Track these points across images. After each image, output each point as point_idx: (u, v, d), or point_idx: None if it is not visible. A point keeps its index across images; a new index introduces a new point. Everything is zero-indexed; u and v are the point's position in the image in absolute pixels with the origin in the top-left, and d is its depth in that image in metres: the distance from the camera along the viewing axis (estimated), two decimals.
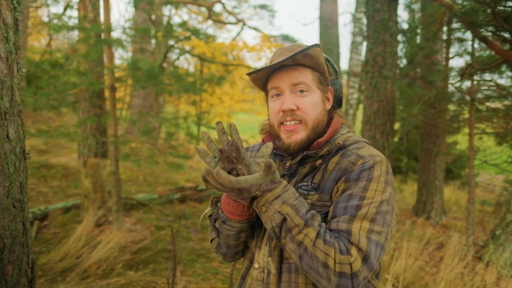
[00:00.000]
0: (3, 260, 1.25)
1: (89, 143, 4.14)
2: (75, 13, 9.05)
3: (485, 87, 4.45)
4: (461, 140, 8.26)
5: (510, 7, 3.03)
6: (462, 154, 6.74)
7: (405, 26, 6.91)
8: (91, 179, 4.08)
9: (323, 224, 0.86)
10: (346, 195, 0.88)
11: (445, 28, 4.99)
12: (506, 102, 4.70)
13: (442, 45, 5.56)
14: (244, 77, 12.34)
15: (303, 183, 0.98)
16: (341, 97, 1.07)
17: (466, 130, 4.59)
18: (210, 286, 2.96)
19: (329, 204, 0.92)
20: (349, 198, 0.87)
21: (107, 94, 4.14)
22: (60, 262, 3.05)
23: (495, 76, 4.57)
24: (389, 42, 4.27)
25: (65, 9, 8.66)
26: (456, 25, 4.56)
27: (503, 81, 6.55)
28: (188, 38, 5.33)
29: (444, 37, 5.36)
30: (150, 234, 3.97)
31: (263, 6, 12.13)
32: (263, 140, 1.10)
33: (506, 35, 3.35)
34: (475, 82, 4.31)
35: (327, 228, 0.86)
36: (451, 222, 5.39)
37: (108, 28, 3.76)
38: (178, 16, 13.61)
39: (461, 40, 4.79)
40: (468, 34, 4.50)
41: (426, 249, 4.01)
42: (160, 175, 7.20)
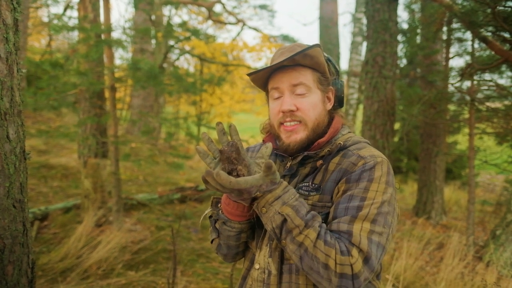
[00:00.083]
0: (3, 261, 1.25)
1: (89, 143, 4.14)
2: (75, 14, 9.07)
3: (485, 87, 4.45)
4: (461, 140, 8.25)
5: (510, 7, 3.03)
6: (462, 154, 6.74)
7: (405, 26, 6.90)
8: (91, 179, 4.08)
9: (324, 225, 0.85)
10: (347, 196, 0.88)
11: (445, 28, 4.98)
12: (506, 102, 4.70)
13: (442, 45, 5.55)
14: (244, 77, 12.33)
15: (304, 184, 0.97)
16: (342, 97, 1.06)
17: (466, 130, 4.59)
18: (210, 286, 2.96)
19: (330, 205, 0.92)
20: (350, 199, 0.87)
21: (107, 94, 4.15)
22: (61, 262, 3.05)
23: (495, 76, 4.57)
24: (389, 42, 4.27)
25: (65, 10, 8.67)
26: (456, 25, 4.55)
27: (503, 81, 6.54)
28: (188, 39, 5.34)
29: (444, 37, 5.36)
30: (150, 234, 3.97)
31: (263, 6, 12.13)
32: (264, 141, 1.10)
33: (506, 35, 3.35)
34: (475, 82, 4.31)
35: (328, 229, 0.86)
36: (452, 222, 5.39)
37: (108, 29, 3.76)
38: (178, 17, 13.61)
39: (461, 40, 4.79)
40: (468, 34, 4.50)
41: (426, 249, 4.01)
42: (160, 175, 7.20)
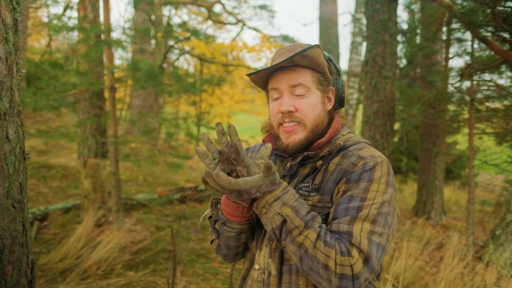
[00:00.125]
0: (3, 261, 1.25)
1: (89, 144, 4.14)
2: (75, 14, 9.06)
3: (485, 87, 4.45)
4: (461, 140, 8.25)
5: (510, 7, 3.03)
6: (462, 154, 6.74)
7: (405, 27, 6.90)
8: (91, 180, 4.08)
9: (324, 226, 0.85)
10: (347, 196, 0.87)
11: (445, 29, 4.99)
12: (506, 102, 4.70)
13: (442, 45, 5.56)
14: (244, 78, 12.33)
15: (304, 184, 0.97)
16: (343, 97, 1.06)
17: (466, 130, 4.59)
18: (210, 287, 2.96)
19: (330, 205, 0.92)
20: (350, 200, 0.87)
21: (107, 95, 4.14)
22: (60, 263, 3.05)
23: (495, 76, 4.57)
24: (389, 43, 4.27)
25: (65, 10, 8.67)
26: (456, 26, 4.56)
27: (503, 81, 6.56)
28: (188, 39, 5.34)
29: (444, 38, 5.36)
30: (150, 235, 3.97)
31: (263, 7, 12.13)
32: (264, 141, 1.10)
33: (506, 35, 3.35)
34: (475, 82, 4.31)
35: (328, 230, 0.86)
36: (451, 222, 5.39)
37: (108, 29, 3.76)
38: (178, 17, 13.63)
39: (461, 41, 4.79)
40: (468, 35, 4.51)
41: (426, 249, 4.01)
42: (160, 176, 7.20)
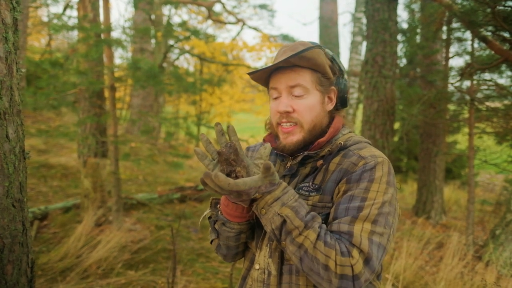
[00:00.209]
0: (3, 260, 1.25)
1: (89, 143, 4.14)
2: (75, 13, 9.04)
3: (485, 87, 4.45)
4: (461, 140, 8.25)
5: (510, 7, 3.03)
6: (462, 154, 6.74)
7: (405, 26, 6.89)
8: (91, 179, 4.08)
9: (324, 226, 0.85)
10: (348, 196, 0.87)
11: (445, 28, 4.98)
12: (506, 102, 4.70)
13: (442, 45, 5.55)
14: (244, 77, 12.33)
15: (304, 184, 0.97)
16: (345, 97, 1.04)
17: (466, 130, 4.59)
18: (210, 286, 2.96)
19: (330, 205, 0.91)
20: (351, 199, 0.86)
21: (107, 94, 4.14)
22: (60, 262, 3.05)
23: (495, 76, 4.57)
24: (389, 42, 4.27)
25: (65, 9, 8.65)
26: (456, 25, 4.55)
27: (503, 81, 6.54)
28: (188, 38, 5.34)
29: (444, 37, 5.35)
30: (150, 234, 3.97)
31: (263, 6, 12.11)
32: (264, 140, 1.10)
33: (506, 35, 3.35)
34: (475, 82, 4.31)
35: (328, 230, 0.85)
36: (451, 222, 5.39)
37: (108, 28, 3.76)
38: (178, 16, 13.64)
39: (461, 40, 4.79)
40: (468, 34, 4.50)
41: (426, 249, 4.01)
42: (160, 175, 7.20)
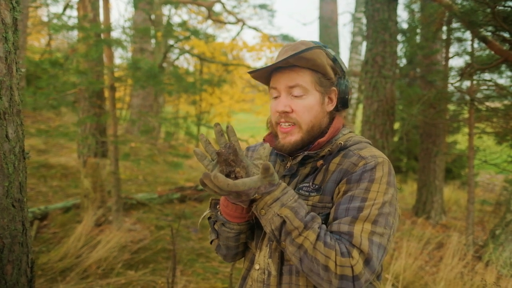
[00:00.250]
0: (3, 260, 1.25)
1: (89, 143, 4.13)
2: (75, 13, 9.04)
3: (485, 87, 4.45)
4: (461, 140, 8.25)
5: (510, 7, 3.03)
6: (462, 154, 6.74)
7: (405, 26, 6.89)
8: (91, 179, 4.07)
9: (324, 226, 0.85)
10: (348, 197, 0.87)
11: (445, 28, 4.98)
12: (506, 102, 4.71)
13: (442, 45, 5.55)
14: (244, 77, 12.33)
15: (304, 184, 0.97)
16: (347, 98, 1.03)
17: (466, 130, 4.60)
18: (210, 286, 2.96)
19: (330, 206, 0.91)
20: (351, 200, 0.86)
21: (107, 94, 4.14)
22: (60, 262, 3.05)
23: (495, 76, 4.57)
24: (389, 42, 4.27)
25: (65, 9, 8.65)
26: (456, 25, 4.56)
27: (503, 81, 6.55)
28: (188, 38, 5.34)
29: (444, 37, 5.36)
30: (150, 234, 3.97)
31: (263, 6, 12.11)
32: (264, 139, 1.10)
33: (506, 35, 3.35)
34: (475, 82, 4.31)
35: (328, 230, 0.85)
36: (451, 222, 5.39)
37: (108, 28, 3.76)
38: (178, 16, 13.63)
39: (461, 40, 4.79)
40: (468, 34, 4.50)
41: (426, 249, 4.01)
42: (160, 175, 7.20)
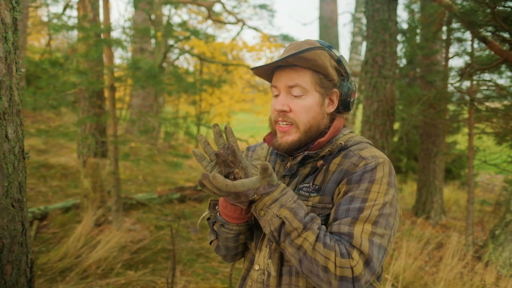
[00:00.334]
0: (2, 260, 1.25)
1: (89, 143, 4.13)
2: (75, 13, 9.04)
3: (485, 87, 4.46)
4: (461, 140, 8.24)
5: (510, 7, 3.03)
6: (462, 154, 6.74)
7: (405, 26, 6.89)
8: (91, 179, 4.07)
9: (323, 227, 0.84)
10: (348, 197, 0.87)
11: (445, 28, 4.98)
12: (506, 102, 4.71)
13: (442, 45, 5.55)
14: (244, 77, 12.32)
15: (304, 185, 0.96)
16: (349, 101, 1.01)
17: (466, 130, 4.60)
18: (210, 286, 2.96)
19: (330, 206, 0.91)
20: (351, 200, 0.86)
21: (107, 94, 4.14)
22: (60, 262, 3.04)
23: (495, 76, 4.57)
24: (389, 42, 4.27)
25: (65, 9, 8.65)
26: (456, 25, 4.56)
27: (503, 81, 6.55)
28: (188, 38, 5.34)
29: (444, 37, 5.36)
30: (150, 234, 3.97)
31: (263, 6, 12.10)
32: (265, 140, 1.10)
33: (506, 35, 3.35)
34: (475, 82, 4.31)
35: (329, 231, 0.85)
36: (451, 222, 5.39)
37: (108, 28, 3.76)
38: (178, 16, 13.63)
39: (461, 40, 4.79)
40: (468, 34, 4.50)
41: (426, 249, 4.01)
42: (160, 175, 7.20)
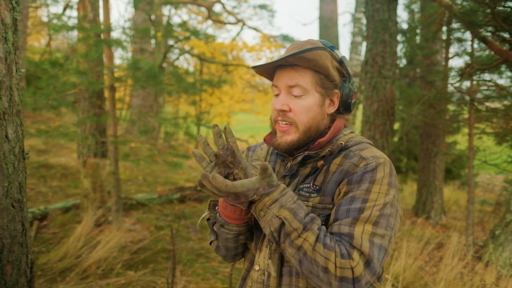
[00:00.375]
0: (2, 260, 1.25)
1: (89, 143, 4.14)
2: (75, 13, 9.04)
3: (485, 87, 4.45)
4: (461, 140, 8.24)
5: (510, 7, 3.03)
6: (462, 154, 6.74)
7: (405, 26, 6.89)
8: (91, 179, 4.07)
9: (323, 228, 0.84)
10: (349, 198, 0.86)
11: (445, 28, 4.98)
12: (506, 102, 4.71)
13: (442, 45, 5.55)
14: (244, 77, 12.33)
15: (305, 185, 0.96)
16: (349, 102, 1.01)
17: (466, 130, 4.60)
18: (210, 286, 2.96)
19: (331, 207, 0.90)
20: (352, 201, 0.85)
21: (107, 94, 4.14)
22: (60, 262, 3.04)
23: (495, 76, 4.56)
24: (389, 42, 4.27)
25: (65, 9, 8.65)
26: (456, 25, 4.55)
27: (503, 81, 6.55)
28: (188, 38, 5.34)
29: (444, 37, 5.36)
30: (150, 234, 3.97)
31: (263, 6, 12.10)
32: (265, 140, 1.10)
33: (506, 35, 3.35)
34: (475, 82, 4.31)
35: (329, 232, 0.84)
36: (451, 222, 5.39)
37: (108, 28, 3.76)
38: (178, 16, 13.64)
39: (461, 40, 4.79)
40: (468, 34, 4.50)
41: (426, 249, 4.01)
42: (160, 175, 7.20)
